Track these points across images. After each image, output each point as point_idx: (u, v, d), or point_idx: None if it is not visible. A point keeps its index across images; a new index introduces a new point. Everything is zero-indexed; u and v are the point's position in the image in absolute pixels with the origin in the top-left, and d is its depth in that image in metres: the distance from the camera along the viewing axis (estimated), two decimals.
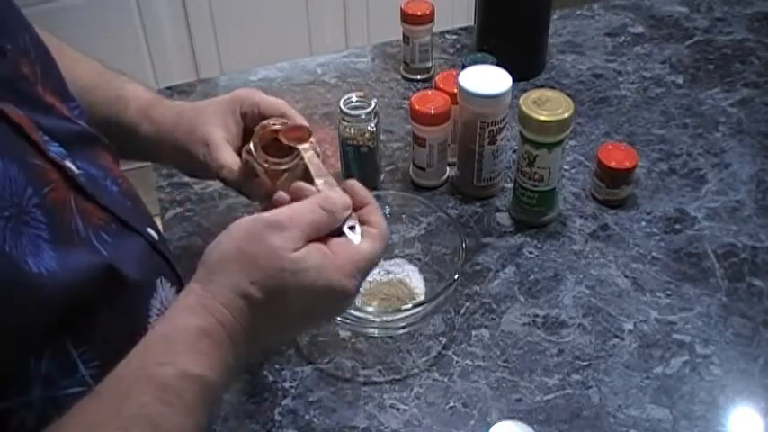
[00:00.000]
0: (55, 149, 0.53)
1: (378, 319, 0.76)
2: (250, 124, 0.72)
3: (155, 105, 0.74)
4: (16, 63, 0.54)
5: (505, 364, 0.76)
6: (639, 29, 1.25)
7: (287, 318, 0.54)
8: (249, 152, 0.69)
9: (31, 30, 0.59)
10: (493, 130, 0.89)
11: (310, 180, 0.63)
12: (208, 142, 0.70)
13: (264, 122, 0.70)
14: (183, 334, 0.50)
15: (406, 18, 1.09)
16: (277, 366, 0.76)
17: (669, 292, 0.83)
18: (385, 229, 0.58)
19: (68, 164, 0.53)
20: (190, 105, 0.75)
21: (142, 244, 0.59)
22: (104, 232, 0.54)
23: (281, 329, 0.56)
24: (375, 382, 0.75)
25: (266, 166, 0.68)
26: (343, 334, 0.80)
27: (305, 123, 0.70)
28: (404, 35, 1.11)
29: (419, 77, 1.14)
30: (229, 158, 0.69)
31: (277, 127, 0.69)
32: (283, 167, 0.68)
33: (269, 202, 0.59)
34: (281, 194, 0.59)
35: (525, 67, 1.13)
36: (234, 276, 0.52)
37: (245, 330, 0.52)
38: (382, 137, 0.99)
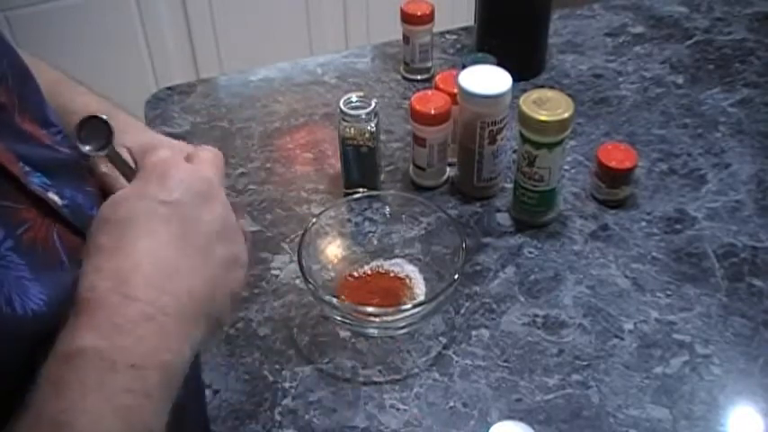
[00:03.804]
0: (37, 180, 0.51)
1: (378, 319, 0.76)
2: None
3: None
4: None
5: (505, 364, 0.76)
6: (639, 29, 1.25)
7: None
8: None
9: (10, 54, 0.56)
10: (493, 130, 0.89)
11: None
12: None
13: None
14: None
15: (406, 18, 1.09)
16: (277, 366, 0.76)
17: (669, 293, 0.83)
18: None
19: (52, 195, 0.51)
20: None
21: None
22: None
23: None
24: (375, 383, 0.75)
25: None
26: (343, 334, 0.80)
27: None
28: (404, 35, 1.11)
29: (419, 77, 1.14)
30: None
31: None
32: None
33: None
34: None
35: (525, 67, 1.13)
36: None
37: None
38: (382, 137, 0.99)
